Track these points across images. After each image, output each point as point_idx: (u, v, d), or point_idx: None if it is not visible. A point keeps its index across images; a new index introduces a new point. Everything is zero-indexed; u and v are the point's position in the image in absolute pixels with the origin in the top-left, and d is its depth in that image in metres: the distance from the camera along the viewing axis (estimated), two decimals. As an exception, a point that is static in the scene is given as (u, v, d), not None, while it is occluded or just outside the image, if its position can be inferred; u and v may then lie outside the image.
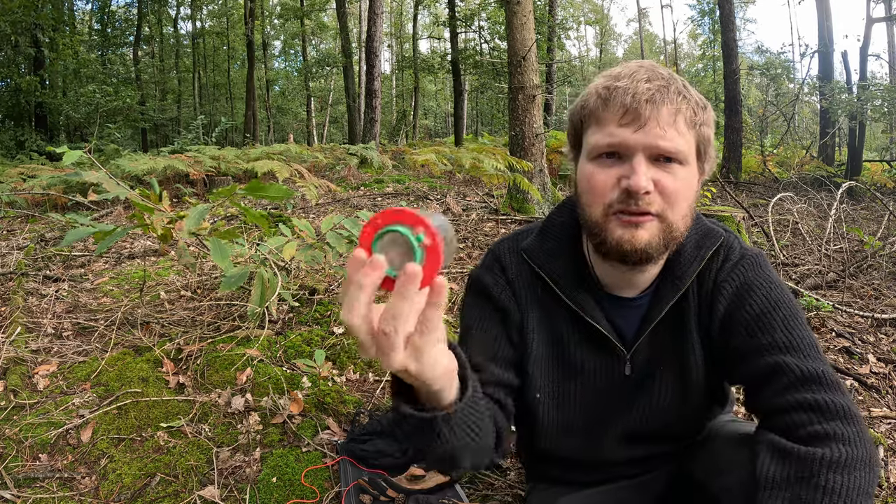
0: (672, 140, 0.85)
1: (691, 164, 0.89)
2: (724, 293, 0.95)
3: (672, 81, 0.88)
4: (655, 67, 0.90)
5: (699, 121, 0.88)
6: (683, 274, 0.97)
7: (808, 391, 0.82)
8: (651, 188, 0.85)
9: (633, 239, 0.87)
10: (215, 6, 26.43)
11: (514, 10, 5.02)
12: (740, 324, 0.92)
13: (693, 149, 0.89)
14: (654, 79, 0.87)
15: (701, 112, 0.89)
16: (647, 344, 1.01)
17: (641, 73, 0.88)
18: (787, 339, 0.88)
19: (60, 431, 1.65)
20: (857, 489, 0.74)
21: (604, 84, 0.89)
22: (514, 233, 1.12)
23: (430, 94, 36.07)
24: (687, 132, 0.87)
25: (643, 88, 0.85)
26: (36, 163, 9.36)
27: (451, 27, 17.23)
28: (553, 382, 1.04)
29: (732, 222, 3.54)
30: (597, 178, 0.89)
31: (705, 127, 0.90)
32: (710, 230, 1.00)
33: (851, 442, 0.76)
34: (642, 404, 1.03)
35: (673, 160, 0.87)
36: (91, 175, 2.21)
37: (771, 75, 13.63)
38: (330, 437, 1.70)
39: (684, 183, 0.88)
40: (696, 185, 0.92)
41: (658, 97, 0.85)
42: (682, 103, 0.87)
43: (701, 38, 27.62)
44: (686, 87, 0.89)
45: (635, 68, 0.89)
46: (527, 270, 1.04)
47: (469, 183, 8.17)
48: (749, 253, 0.99)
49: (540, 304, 1.04)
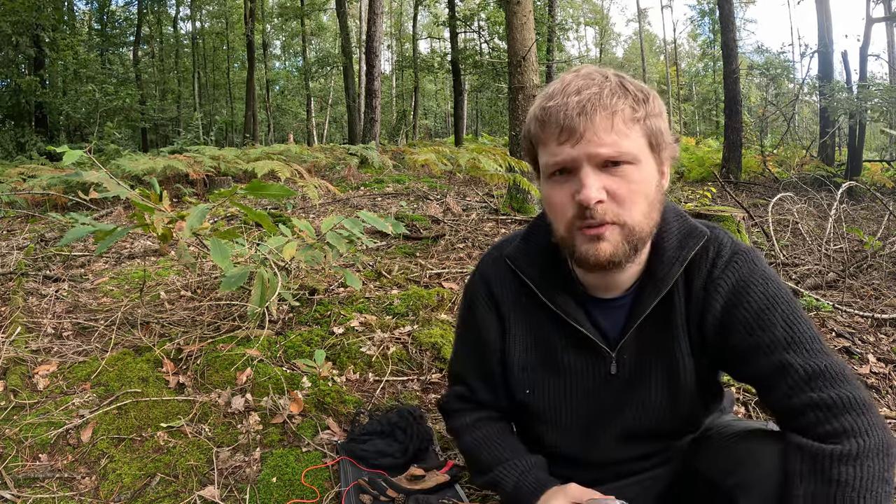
0: (613, 144, 0.85)
1: (644, 161, 0.89)
2: (720, 291, 0.95)
3: (605, 85, 0.87)
4: (590, 74, 0.90)
5: (640, 115, 0.88)
6: (665, 275, 0.97)
7: (814, 389, 0.84)
8: (603, 196, 0.87)
9: (597, 252, 0.90)
10: (215, 6, 26.43)
11: (513, 10, 5.02)
12: (739, 322, 0.93)
13: (643, 144, 0.89)
14: (584, 88, 0.87)
15: (642, 106, 0.88)
16: (633, 343, 1.01)
17: (572, 86, 0.88)
18: (789, 335, 0.88)
19: (60, 431, 1.65)
20: (872, 476, 0.77)
21: (540, 106, 0.91)
22: (502, 239, 1.17)
23: (430, 94, 36.08)
24: (630, 130, 0.87)
25: (573, 103, 0.86)
26: (36, 163, 9.36)
27: (450, 27, 17.24)
28: (541, 383, 1.08)
29: (732, 222, 3.54)
30: (554, 198, 0.92)
31: (652, 119, 0.89)
32: (693, 229, 1.00)
33: (863, 433, 0.79)
34: (634, 403, 1.04)
35: (621, 163, 0.87)
36: (91, 175, 2.21)
37: (771, 75, 13.63)
38: (330, 437, 1.70)
39: (639, 183, 0.88)
40: (655, 178, 0.92)
41: (588, 107, 0.85)
42: (616, 104, 0.86)
43: (701, 38, 27.62)
44: (623, 85, 0.88)
45: (569, 80, 0.89)
46: (511, 277, 1.09)
47: (469, 183, 8.17)
48: (741, 248, 0.98)
49: (524, 309, 1.08)
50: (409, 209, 5.46)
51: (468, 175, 7.53)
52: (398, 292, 2.76)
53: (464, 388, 1.20)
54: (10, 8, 13.51)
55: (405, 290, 2.81)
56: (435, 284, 2.97)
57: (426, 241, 3.93)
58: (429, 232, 4.19)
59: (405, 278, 3.04)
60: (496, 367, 1.13)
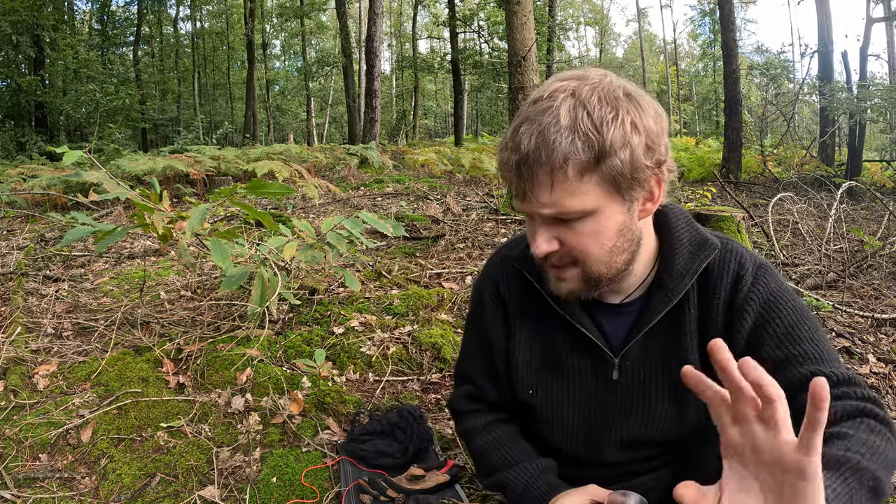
0: (553, 205, 0.82)
1: (601, 209, 0.84)
2: (752, 306, 0.95)
3: (550, 130, 0.78)
4: (549, 107, 0.80)
5: (590, 162, 0.79)
6: (676, 286, 0.97)
7: (846, 387, 0.87)
8: (553, 247, 0.88)
9: (559, 289, 0.95)
10: (215, 6, 26.43)
11: (514, 10, 5.02)
12: (770, 336, 0.94)
13: (600, 191, 0.82)
14: (526, 142, 0.79)
15: (593, 148, 0.78)
16: (639, 351, 1.01)
17: (517, 138, 0.81)
18: (816, 352, 0.91)
19: (60, 431, 1.65)
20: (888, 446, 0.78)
21: (498, 152, 0.90)
22: (508, 241, 1.17)
23: (430, 94, 36.08)
24: (578, 184, 0.80)
25: (513, 163, 0.82)
26: (36, 163, 9.36)
27: (450, 27, 17.23)
28: (544, 383, 1.08)
29: (732, 222, 3.53)
30: (526, 234, 0.95)
31: (610, 159, 0.79)
32: (705, 241, 0.99)
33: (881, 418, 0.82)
34: (638, 410, 1.03)
35: (569, 219, 0.84)
36: (91, 175, 2.21)
37: (771, 75, 13.63)
38: (330, 437, 1.70)
39: (592, 235, 0.86)
40: (617, 222, 0.86)
41: (525, 170, 0.81)
42: (558, 158, 0.78)
43: (701, 38, 27.64)
44: (576, 122, 0.78)
45: (523, 119, 0.82)
46: (518, 277, 1.10)
47: (469, 183, 8.17)
48: (762, 262, 0.99)
49: (530, 309, 1.09)
50: (409, 209, 5.46)
51: (468, 175, 7.54)
52: (398, 292, 2.76)
53: (472, 387, 1.21)
54: (10, 7, 13.51)
55: (405, 290, 2.81)
56: (435, 284, 2.97)
57: (426, 241, 3.93)
58: (429, 232, 4.19)
59: (405, 278, 3.04)
60: (501, 366, 1.13)
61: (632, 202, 0.86)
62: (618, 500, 0.83)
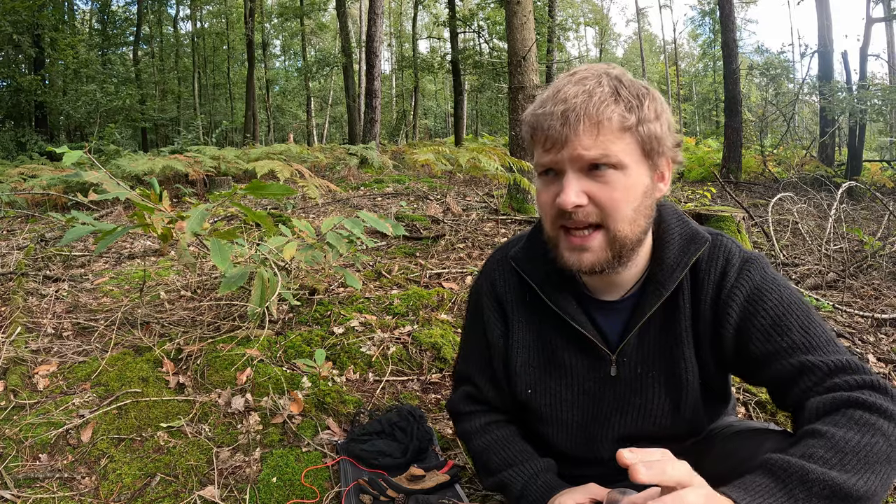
0: (596, 148, 0.85)
1: (632, 167, 0.88)
2: (736, 300, 0.95)
3: (595, 91, 0.86)
4: (584, 79, 0.88)
5: (631, 123, 0.86)
6: (667, 280, 0.97)
7: (838, 378, 0.84)
8: (583, 201, 0.87)
9: (579, 262, 0.92)
10: (215, 6, 26.43)
11: (514, 10, 5.02)
12: (757, 329, 0.93)
13: (634, 150, 0.88)
14: (573, 97, 0.86)
15: (633, 113, 0.86)
16: (635, 347, 1.02)
17: (561, 94, 0.87)
18: (806, 339, 0.89)
19: (60, 431, 1.65)
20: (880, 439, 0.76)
21: (532, 112, 0.92)
22: (508, 240, 1.19)
23: (430, 94, 36.08)
24: (617, 138, 0.86)
25: (558, 112, 0.86)
26: (36, 163, 9.36)
27: (450, 27, 17.24)
28: (542, 382, 1.09)
29: (732, 222, 3.53)
30: (541, 197, 0.94)
31: (647, 125, 0.87)
32: (695, 234, 1.00)
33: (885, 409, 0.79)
34: (635, 406, 1.04)
35: (605, 166, 0.86)
36: (91, 175, 2.21)
37: (771, 75, 13.64)
38: (330, 437, 1.70)
39: (623, 189, 0.88)
40: (644, 185, 0.91)
41: (572, 117, 0.85)
42: (603, 113, 0.85)
43: (701, 38, 27.65)
44: (617, 91, 0.87)
45: (561, 85, 0.89)
46: (514, 277, 1.11)
47: (469, 183, 8.17)
48: (750, 256, 0.99)
49: (528, 309, 1.10)
50: (409, 209, 5.46)
51: (468, 175, 7.53)
52: (398, 292, 2.76)
53: (472, 387, 1.21)
54: (10, 7, 13.52)
55: (405, 290, 2.81)
56: (435, 284, 2.97)
57: (426, 241, 3.93)
58: (429, 232, 4.19)
59: (405, 278, 3.04)
60: (499, 366, 1.14)
61: (654, 171, 0.92)
62: (616, 499, 0.83)
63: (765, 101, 14.61)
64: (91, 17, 23.94)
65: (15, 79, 15.14)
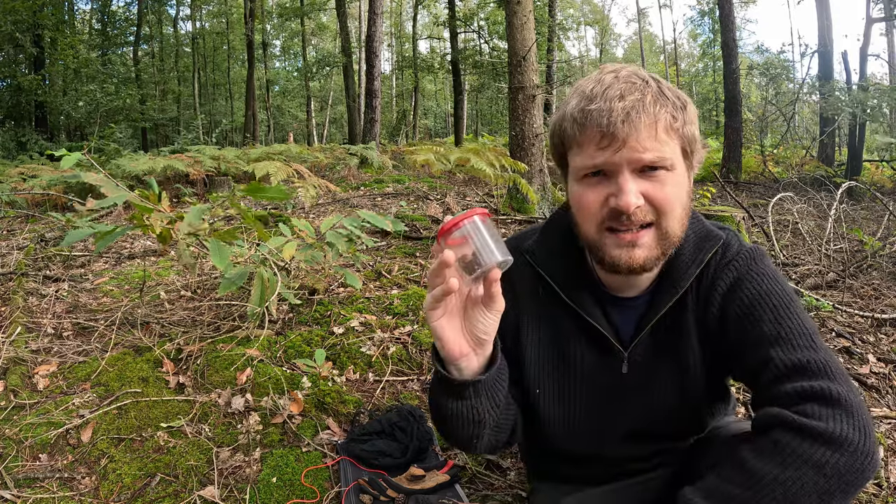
0: (654, 150, 0.85)
1: (678, 167, 0.89)
2: (718, 290, 0.96)
3: (647, 90, 0.86)
4: (630, 77, 0.88)
5: (679, 124, 0.88)
6: (681, 277, 0.97)
7: (792, 382, 0.80)
8: (641, 202, 0.87)
9: (630, 259, 0.90)
10: (215, 6, 26.43)
11: (514, 9, 5.01)
12: (732, 319, 0.93)
13: (678, 151, 0.89)
14: (627, 93, 0.85)
15: (680, 114, 0.88)
16: (646, 344, 1.02)
17: (614, 90, 0.86)
18: (775, 330, 0.86)
19: (60, 431, 1.65)
20: (807, 462, 0.72)
21: (578, 107, 0.88)
22: (520, 233, 1.15)
23: (430, 94, 36.08)
24: (669, 138, 0.87)
25: (618, 108, 0.84)
26: (36, 163, 9.36)
27: (450, 27, 17.24)
28: (553, 379, 1.07)
29: (732, 222, 3.54)
30: (586, 199, 0.90)
31: (688, 126, 0.89)
32: (710, 233, 1.00)
33: (829, 419, 0.74)
34: (642, 403, 1.04)
35: (659, 168, 0.87)
36: (90, 177, 2.21)
37: (771, 75, 13.64)
38: (330, 437, 1.70)
39: (674, 188, 0.89)
40: (687, 184, 0.92)
41: (633, 114, 0.84)
42: (659, 112, 0.85)
43: (701, 38, 27.65)
44: (663, 91, 0.88)
45: (609, 82, 0.87)
46: (529, 270, 1.07)
47: (469, 183, 8.17)
48: (744, 248, 0.98)
49: (541, 303, 1.06)
50: (409, 209, 5.46)
51: (468, 175, 7.53)
52: (398, 292, 2.76)
53: None
54: (10, 7, 13.52)
55: (405, 290, 2.81)
56: (435, 284, 2.96)
57: (426, 241, 3.93)
58: (429, 232, 4.19)
59: (405, 278, 3.04)
60: (510, 358, 1.07)
61: (690, 170, 0.93)
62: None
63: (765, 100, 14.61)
64: (91, 17, 23.95)
65: (15, 78, 15.15)
